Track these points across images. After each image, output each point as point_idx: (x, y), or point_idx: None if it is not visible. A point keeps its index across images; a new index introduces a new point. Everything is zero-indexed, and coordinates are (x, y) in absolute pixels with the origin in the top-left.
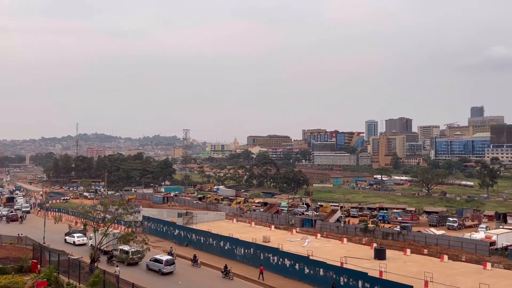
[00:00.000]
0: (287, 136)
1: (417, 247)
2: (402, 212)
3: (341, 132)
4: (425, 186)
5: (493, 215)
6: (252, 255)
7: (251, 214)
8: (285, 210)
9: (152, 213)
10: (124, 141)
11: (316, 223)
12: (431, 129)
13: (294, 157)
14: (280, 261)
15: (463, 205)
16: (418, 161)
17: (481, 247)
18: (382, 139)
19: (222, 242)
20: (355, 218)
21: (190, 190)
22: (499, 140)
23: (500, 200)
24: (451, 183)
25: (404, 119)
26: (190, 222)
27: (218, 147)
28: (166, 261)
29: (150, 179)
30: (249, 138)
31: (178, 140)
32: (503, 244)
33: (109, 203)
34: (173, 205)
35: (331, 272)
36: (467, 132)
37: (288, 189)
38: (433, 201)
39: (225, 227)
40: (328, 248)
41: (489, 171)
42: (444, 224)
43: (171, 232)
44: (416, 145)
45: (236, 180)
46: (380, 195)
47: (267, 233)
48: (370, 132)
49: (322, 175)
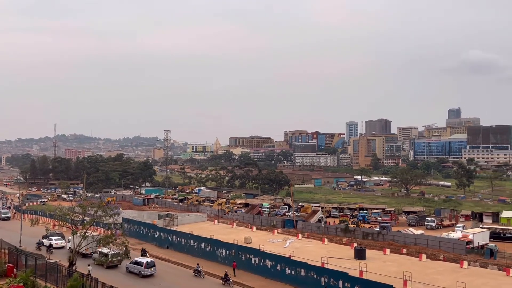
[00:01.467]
0: (269, 137)
1: (397, 247)
2: (382, 212)
3: (322, 133)
4: (404, 187)
5: (469, 214)
6: (233, 256)
7: (232, 215)
8: (266, 211)
9: (132, 215)
10: (103, 142)
11: (297, 223)
12: (410, 130)
13: (276, 158)
14: (262, 262)
15: (441, 205)
16: (397, 162)
17: (458, 246)
18: (362, 140)
19: (204, 243)
20: (335, 219)
21: (171, 191)
22: (475, 141)
23: (476, 200)
24: (429, 183)
25: (383, 120)
26: (171, 224)
27: (199, 148)
28: (146, 264)
29: (130, 181)
30: (231, 139)
31: (159, 141)
32: (479, 243)
33: (88, 205)
34: (153, 207)
35: (312, 272)
36: (444, 134)
37: (269, 190)
38: (412, 201)
39: (206, 228)
40: (309, 249)
41: (465, 172)
42: (423, 224)
43: (152, 234)
44: (395, 146)
45: (218, 181)
46: (360, 195)
47: (248, 234)
48: (351, 133)
49: (303, 176)
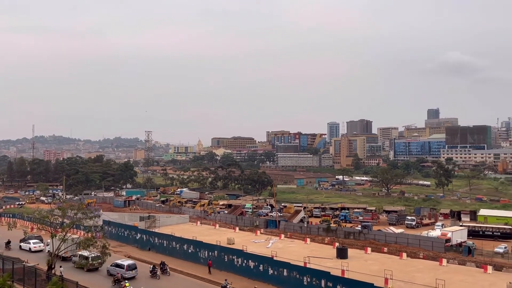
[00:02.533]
0: (251, 137)
1: (378, 246)
2: (363, 211)
3: (304, 134)
4: (385, 186)
5: (448, 213)
6: (216, 257)
7: (215, 216)
8: (249, 212)
9: (113, 217)
10: (83, 144)
11: (280, 224)
12: (390, 130)
13: (259, 159)
14: (245, 262)
15: (421, 204)
16: (378, 161)
17: (437, 244)
18: (344, 141)
19: (186, 245)
20: (318, 218)
21: (152, 193)
22: (454, 141)
23: (455, 199)
24: (409, 183)
25: (364, 121)
26: (152, 226)
27: (181, 149)
28: (127, 266)
29: (110, 183)
30: (213, 140)
31: (140, 142)
32: (457, 240)
33: (67, 208)
34: (135, 209)
35: (294, 272)
36: (424, 134)
37: (252, 190)
38: (393, 201)
39: (188, 230)
40: (292, 249)
41: (444, 171)
42: (403, 222)
43: (133, 237)
44: (376, 146)
45: (200, 182)
46: (342, 195)
47: (231, 235)
48: (332, 133)
49: (286, 176)
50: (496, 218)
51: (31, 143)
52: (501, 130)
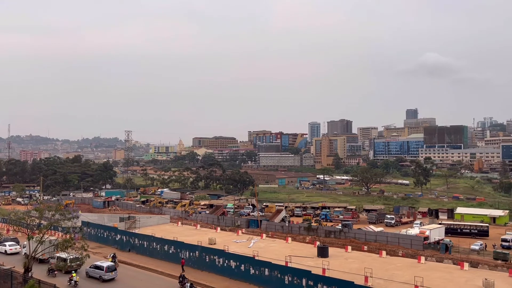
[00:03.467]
0: (233, 137)
1: (358, 244)
2: (344, 210)
3: (286, 134)
4: (365, 185)
5: (426, 211)
6: (197, 258)
7: (196, 216)
8: (231, 212)
9: (92, 218)
10: (61, 143)
11: (261, 223)
12: (370, 130)
13: (240, 159)
14: (226, 262)
15: (400, 202)
16: (358, 161)
17: (416, 242)
18: (325, 140)
19: (167, 246)
20: (299, 218)
21: (132, 193)
22: (432, 141)
23: (433, 197)
24: (389, 182)
25: (344, 121)
26: (132, 227)
27: (162, 149)
28: (107, 268)
29: (89, 183)
30: (195, 140)
31: (120, 142)
32: (435, 238)
33: (44, 209)
34: (114, 210)
35: (276, 271)
36: (403, 133)
37: (234, 190)
38: (372, 200)
39: (169, 230)
40: (273, 248)
41: (422, 170)
42: (382, 221)
43: (113, 238)
44: (356, 146)
45: (181, 182)
46: (323, 194)
47: (213, 235)
48: (313, 133)
49: (267, 175)
50: (472, 216)
51: (7, 143)
52: (477, 130)
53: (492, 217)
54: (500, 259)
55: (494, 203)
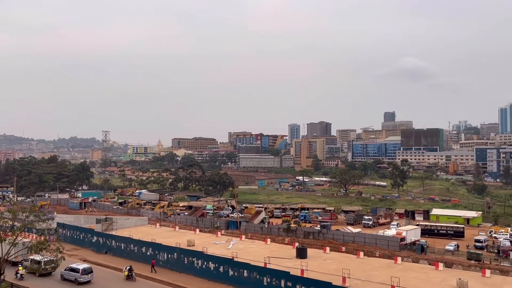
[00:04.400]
0: (213, 138)
1: (336, 245)
2: (322, 211)
3: (266, 135)
4: (343, 187)
5: (403, 212)
6: (175, 260)
7: (175, 218)
8: (210, 213)
9: (68, 219)
10: (36, 143)
11: (241, 224)
12: (348, 132)
13: (220, 160)
14: (205, 264)
15: (377, 204)
16: (337, 163)
17: (393, 243)
18: (304, 142)
19: (144, 247)
20: (278, 219)
21: (110, 194)
22: (408, 143)
23: (409, 199)
24: (366, 183)
25: (324, 123)
26: (109, 228)
27: (140, 150)
28: (83, 270)
29: (65, 184)
30: (174, 141)
31: (98, 142)
32: (411, 239)
33: (18, 210)
34: (91, 211)
35: (255, 273)
36: (380, 136)
37: (213, 191)
38: (350, 201)
39: (147, 232)
40: (252, 249)
41: (399, 172)
42: (360, 222)
43: (89, 240)
44: (335, 148)
45: (160, 183)
46: (302, 195)
47: (191, 236)
48: (293, 135)
49: (247, 177)
50: (447, 217)
51: None
52: (452, 133)
53: (466, 218)
54: (473, 259)
55: (468, 205)
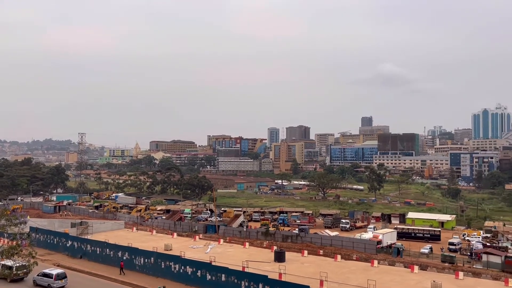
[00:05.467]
0: (192, 141)
1: (314, 248)
2: (301, 215)
3: (245, 139)
4: (321, 190)
5: (380, 216)
6: (152, 264)
7: (152, 222)
8: (188, 217)
9: (42, 223)
10: (9, 145)
11: (219, 228)
12: (327, 137)
13: (199, 163)
14: (182, 269)
15: (354, 207)
16: (315, 166)
17: (370, 246)
18: (283, 146)
19: (120, 252)
20: (257, 222)
21: (85, 198)
22: (385, 148)
23: (386, 203)
24: (344, 187)
25: (303, 127)
26: (85, 233)
27: (117, 152)
28: (56, 275)
29: (39, 187)
30: (152, 143)
31: (73, 144)
32: (388, 242)
33: None
34: (65, 215)
35: (233, 277)
36: (358, 140)
37: (192, 195)
38: (328, 204)
39: (124, 236)
40: (230, 253)
41: (376, 176)
42: (338, 225)
43: (63, 244)
44: (314, 152)
45: (137, 187)
46: (281, 199)
47: (169, 241)
48: (272, 139)
49: (226, 180)
50: (422, 221)
51: None
52: (428, 138)
53: (440, 221)
54: (447, 262)
55: (442, 208)
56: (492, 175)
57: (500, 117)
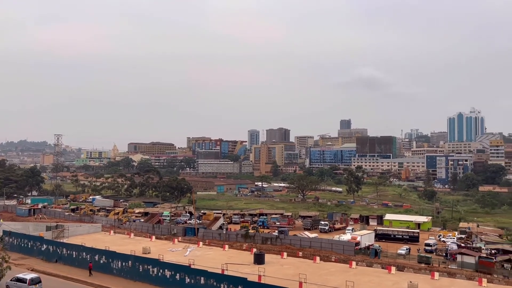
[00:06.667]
0: (171, 143)
1: (293, 250)
2: (280, 217)
3: (226, 141)
4: (301, 192)
5: (358, 218)
6: (130, 268)
7: (130, 225)
8: (167, 220)
9: (16, 227)
10: None
11: (198, 231)
12: (306, 139)
13: (178, 165)
14: (161, 272)
15: (333, 209)
16: (295, 168)
17: (348, 247)
18: (263, 148)
19: (97, 255)
20: (237, 225)
21: (61, 200)
22: (363, 150)
23: (364, 204)
24: (323, 189)
25: (283, 129)
26: (60, 236)
27: (95, 154)
28: (30, 280)
29: (13, 189)
30: (130, 145)
31: (49, 146)
32: (366, 244)
33: None
34: (41, 218)
35: (212, 279)
36: (337, 143)
37: (171, 198)
38: (308, 206)
39: (101, 239)
40: (210, 256)
41: (354, 178)
42: (317, 227)
43: (38, 248)
44: (293, 154)
45: (115, 189)
46: (261, 201)
47: (147, 244)
48: (253, 141)
49: (206, 183)
50: (399, 222)
51: None
52: (405, 141)
53: (417, 223)
54: (423, 263)
55: (419, 210)
56: (467, 177)
57: (474, 120)
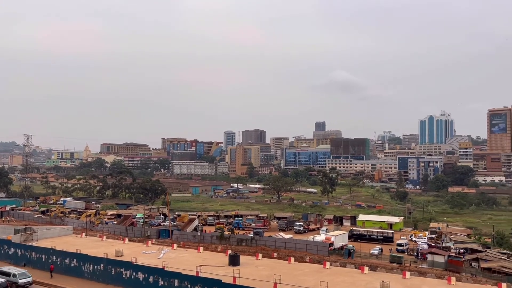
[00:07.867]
0: (145, 144)
1: (268, 251)
2: (255, 218)
3: (201, 142)
4: (276, 193)
5: (332, 218)
6: (102, 271)
7: (102, 227)
8: (141, 222)
9: None
10: None
11: (173, 233)
12: (282, 140)
13: (153, 166)
14: (133, 275)
15: (308, 210)
16: (271, 170)
17: (322, 248)
18: (239, 149)
19: (68, 259)
20: (212, 227)
21: (31, 203)
22: (337, 152)
23: (338, 205)
24: (298, 190)
25: (259, 131)
26: (29, 239)
27: (66, 155)
28: None
29: None
30: (103, 146)
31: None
32: (339, 244)
33: None
34: (8, 221)
35: (186, 282)
36: (312, 144)
37: (145, 199)
38: (283, 207)
39: (72, 242)
40: (184, 258)
41: (329, 179)
42: (292, 228)
43: (5, 252)
44: (269, 155)
45: (87, 191)
46: (236, 202)
47: (120, 246)
48: (228, 142)
49: (181, 184)
50: (372, 223)
51: None
52: (378, 143)
53: (389, 223)
54: (395, 262)
55: (391, 211)
56: (437, 178)
57: (444, 123)
